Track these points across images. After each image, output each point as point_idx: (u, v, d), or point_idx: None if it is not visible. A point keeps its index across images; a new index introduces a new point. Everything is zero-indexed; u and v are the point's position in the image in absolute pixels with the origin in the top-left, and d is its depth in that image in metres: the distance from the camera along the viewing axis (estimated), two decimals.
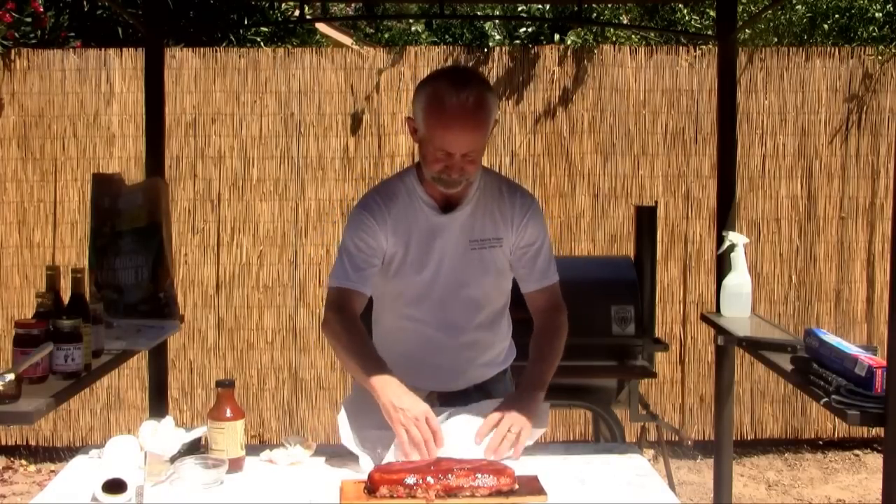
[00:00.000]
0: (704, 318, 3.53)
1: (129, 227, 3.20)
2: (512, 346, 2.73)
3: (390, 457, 2.20)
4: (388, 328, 2.64)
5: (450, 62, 5.66)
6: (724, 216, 3.59)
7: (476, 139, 2.38)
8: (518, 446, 2.28)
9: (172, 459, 2.11)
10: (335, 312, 2.44)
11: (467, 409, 2.41)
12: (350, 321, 2.42)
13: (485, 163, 2.52)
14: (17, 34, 5.86)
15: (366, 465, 2.17)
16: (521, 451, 2.29)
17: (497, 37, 7.49)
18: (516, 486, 2.01)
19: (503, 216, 2.54)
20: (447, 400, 2.56)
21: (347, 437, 2.26)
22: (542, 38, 7.06)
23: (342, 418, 2.30)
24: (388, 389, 2.24)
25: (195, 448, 2.23)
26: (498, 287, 2.60)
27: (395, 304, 2.58)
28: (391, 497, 1.96)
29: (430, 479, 1.97)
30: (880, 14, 6.55)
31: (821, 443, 5.85)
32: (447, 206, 2.52)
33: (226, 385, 2.19)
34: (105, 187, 3.31)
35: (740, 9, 5.46)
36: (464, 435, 2.29)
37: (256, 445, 2.38)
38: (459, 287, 2.53)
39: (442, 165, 2.38)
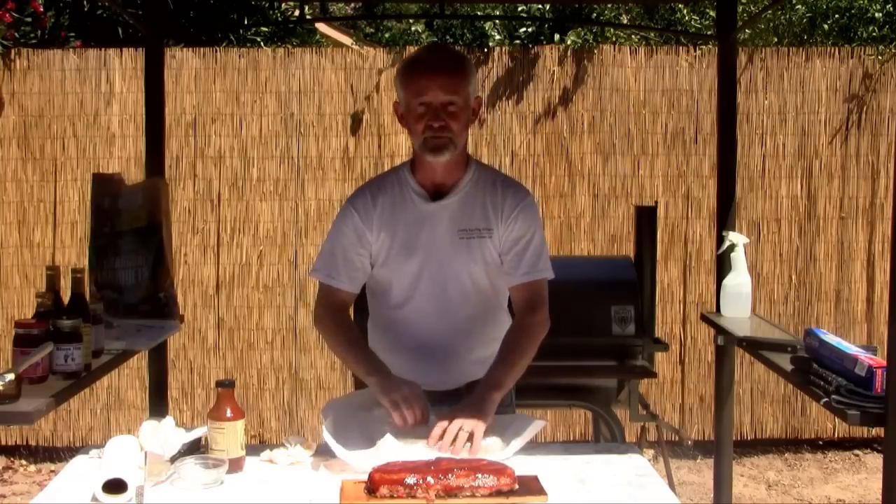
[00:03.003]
0: (704, 318, 3.53)
1: (129, 227, 3.20)
2: None
3: (385, 448, 2.20)
4: (379, 320, 2.65)
5: None
6: (724, 216, 3.59)
7: (453, 85, 2.43)
8: (474, 445, 2.25)
9: (172, 459, 2.11)
10: (325, 309, 2.58)
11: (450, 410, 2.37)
12: (340, 317, 2.56)
13: (485, 163, 2.54)
14: (17, 34, 5.86)
15: (360, 464, 2.15)
16: (478, 448, 2.25)
17: (497, 37, 7.48)
18: (516, 486, 2.01)
19: (494, 207, 2.54)
20: (437, 400, 2.53)
21: (337, 448, 2.22)
22: (542, 38, 7.05)
23: (326, 433, 2.25)
24: (381, 378, 2.40)
25: (195, 448, 2.23)
26: (487, 279, 2.57)
27: (386, 294, 2.59)
28: (391, 497, 1.96)
29: (430, 479, 1.97)
30: (880, 14, 6.55)
31: (821, 443, 5.85)
32: (437, 195, 2.54)
33: (226, 385, 2.19)
34: (105, 187, 3.31)
35: (740, 9, 5.46)
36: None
37: (256, 445, 2.38)
38: (447, 276, 2.53)
39: (424, 123, 2.43)
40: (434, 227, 2.53)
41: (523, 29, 7.28)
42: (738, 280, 3.37)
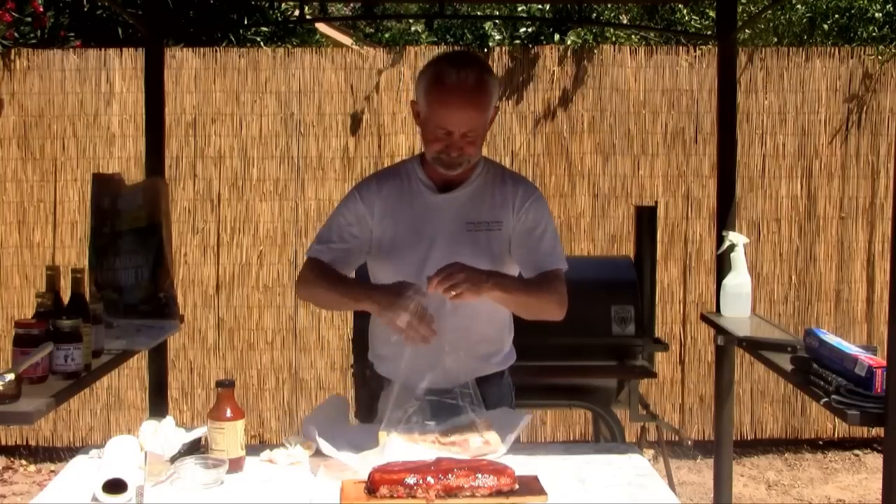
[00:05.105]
0: (704, 318, 3.53)
1: (129, 227, 3.20)
2: (512, 350, 2.71)
3: (391, 448, 2.19)
4: None
5: None
6: (724, 216, 3.59)
7: (475, 118, 2.44)
8: (459, 295, 2.29)
9: (172, 459, 2.11)
10: (307, 272, 2.58)
11: (458, 419, 2.38)
12: (326, 271, 2.54)
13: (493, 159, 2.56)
14: (17, 34, 5.86)
15: (364, 466, 2.15)
16: (456, 298, 2.30)
17: (497, 37, 7.48)
18: (516, 486, 2.01)
19: (504, 201, 2.57)
20: (436, 398, 2.52)
21: (337, 454, 2.21)
22: (542, 38, 7.06)
23: (322, 443, 2.24)
24: (378, 297, 2.38)
25: (195, 448, 2.23)
26: None
27: (391, 282, 2.58)
28: (391, 497, 1.96)
29: (430, 479, 1.97)
30: (880, 14, 6.55)
31: (821, 443, 5.85)
32: (445, 187, 2.56)
33: (226, 385, 2.19)
34: (105, 187, 3.31)
35: (740, 9, 5.46)
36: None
37: (256, 445, 2.38)
38: None
39: (442, 145, 2.44)
40: (441, 218, 2.55)
41: (523, 29, 7.28)
42: (738, 280, 3.37)
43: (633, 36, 6.63)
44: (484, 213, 2.55)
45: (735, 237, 3.39)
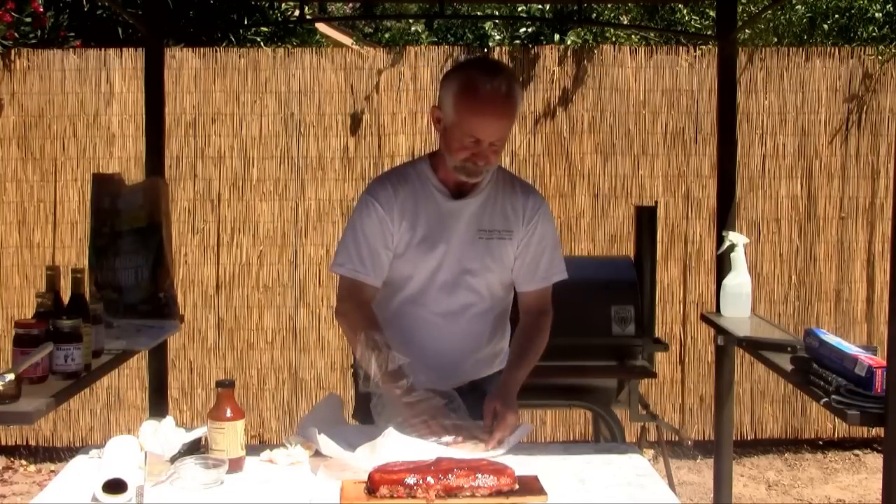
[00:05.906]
0: (704, 318, 3.53)
1: (129, 227, 3.20)
2: (507, 351, 2.73)
3: (390, 441, 2.20)
4: (391, 312, 2.62)
5: (450, 63, 5.66)
6: (724, 216, 3.59)
7: (505, 127, 2.44)
8: (508, 443, 2.34)
9: (172, 459, 2.11)
10: (351, 303, 2.52)
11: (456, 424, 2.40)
12: (367, 313, 2.50)
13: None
14: (17, 34, 5.86)
15: (363, 463, 2.15)
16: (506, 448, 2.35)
17: (497, 37, 7.50)
18: (516, 486, 2.01)
19: (515, 211, 2.58)
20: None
21: (338, 451, 2.22)
22: (542, 38, 7.06)
23: (324, 440, 2.24)
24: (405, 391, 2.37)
25: (195, 448, 2.23)
26: (501, 280, 2.61)
27: (402, 286, 2.59)
28: (391, 497, 1.96)
29: (430, 479, 1.97)
30: (880, 14, 6.55)
31: (821, 443, 5.85)
32: (458, 193, 2.56)
33: (226, 385, 2.19)
34: (105, 187, 3.31)
35: (740, 9, 5.46)
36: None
37: (256, 445, 2.38)
38: (464, 274, 2.55)
39: (469, 153, 2.43)
40: (455, 224, 2.55)
41: (523, 29, 7.29)
42: (738, 280, 3.37)
43: (633, 36, 6.63)
44: (496, 222, 2.56)
45: (735, 237, 3.39)
